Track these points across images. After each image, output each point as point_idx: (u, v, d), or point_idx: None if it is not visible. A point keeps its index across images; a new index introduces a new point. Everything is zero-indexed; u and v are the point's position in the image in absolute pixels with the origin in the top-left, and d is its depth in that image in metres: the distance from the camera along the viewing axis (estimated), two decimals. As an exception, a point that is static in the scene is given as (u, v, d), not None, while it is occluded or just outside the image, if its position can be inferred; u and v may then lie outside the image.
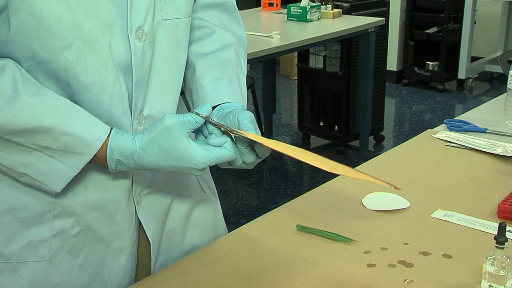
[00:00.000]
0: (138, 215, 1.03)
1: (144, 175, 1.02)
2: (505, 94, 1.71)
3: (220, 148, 0.91)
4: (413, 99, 5.17)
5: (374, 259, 1.04)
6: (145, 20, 0.94)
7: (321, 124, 4.10)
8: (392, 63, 5.48)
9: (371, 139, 4.10)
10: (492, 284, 0.90)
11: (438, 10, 5.12)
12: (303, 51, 4.04)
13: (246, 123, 0.94)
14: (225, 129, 0.92)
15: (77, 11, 0.87)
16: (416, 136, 1.63)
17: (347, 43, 3.79)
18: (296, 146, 0.95)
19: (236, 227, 1.17)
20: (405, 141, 1.61)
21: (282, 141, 0.96)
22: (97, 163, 0.93)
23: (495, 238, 0.89)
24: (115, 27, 0.91)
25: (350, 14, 3.79)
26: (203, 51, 1.09)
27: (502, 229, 0.88)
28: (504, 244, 0.89)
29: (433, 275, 0.99)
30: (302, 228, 1.13)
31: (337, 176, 1.30)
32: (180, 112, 1.09)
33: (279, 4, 3.94)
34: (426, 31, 5.21)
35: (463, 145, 1.52)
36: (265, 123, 4.20)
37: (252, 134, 0.91)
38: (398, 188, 0.92)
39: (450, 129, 1.63)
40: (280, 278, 0.99)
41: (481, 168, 1.39)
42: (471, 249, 1.06)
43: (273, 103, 4.21)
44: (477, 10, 5.22)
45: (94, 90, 0.92)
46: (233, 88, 1.06)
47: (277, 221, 1.17)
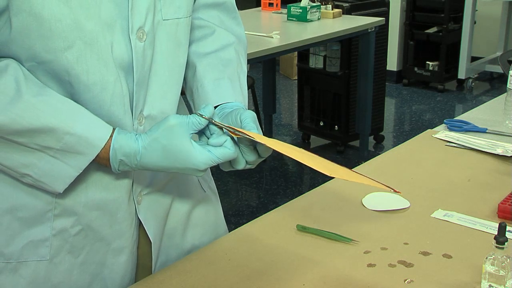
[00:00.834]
0: (138, 215, 1.03)
1: (145, 174, 1.02)
2: (505, 94, 1.71)
3: (220, 148, 0.91)
4: (413, 99, 5.17)
5: (374, 259, 1.04)
6: (145, 20, 0.94)
7: (321, 124, 4.10)
8: (392, 63, 5.48)
9: (371, 139, 4.10)
10: (492, 284, 0.90)
11: (438, 10, 5.12)
12: (303, 51, 4.04)
13: (248, 122, 0.94)
14: (228, 130, 0.92)
15: (78, 11, 0.88)
16: (416, 136, 1.63)
17: (347, 43, 3.79)
18: (296, 146, 0.95)
19: (236, 227, 1.17)
20: (405, 141, 1.61)
21: (282, 141, 0.96)
22: (100, 163, 0.93)
23: (495, 238, 0.89)
24: (116, 27, 0.92)
25: (350, 14, 3.79)
26: (203, 51, 1.09)
27: (502, 229, 0.88)
28: (504, 244, 0.89)
29: (433, 275, 0.99)
30: (302, 228, 1.13)
31: (337, 176, 1.30)
32: (181, 112, 1.09)
33: (279, 4, 3.94)
34: (426, 31, 5.21)
35: (463, 145, 1.52)
36: (265, 123, 4.20)
37: (255, 134, 0.91)
38: (397, 192, 0.92)
39: (450, 129, 1.63)
40: (280, 278, 0.99)
41: (481, 168, 1.39)
42: (471, 249, 1.06)
43: (273, 103, 4.21)
44: (477, 10, 5.22)
45: (95, 90, 0.92)
46: (234, 87, 1.07)
47: (277, 221, 1.17)
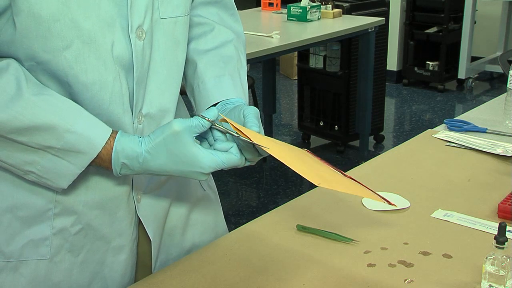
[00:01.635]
0: (138, 213, 1.03)
1: None
2: (505, 94, 1.71)
3: (226, 153, 0.90)
4: (413, 99, 5.17)
5: (374, 259, 1.04)
6: (144, 18, 0.95)
7: (321, 124, 4.10)
8: (392, 63, 5.48)
9: (371, 139, 4.10)
10: (492, 284, 0.90)
11: (438, 10, 5.12)
12: (303, 51, 4.04)
13: (251, 118, 0.94)
14: (229, 133, 0.91)
15: (76, 10, 0.88)
16: (416, 136, 1.63)
17: (347, 43, 3.79)
18: (296, 146, 0.95)
19: (236, 227, 1.17)
20: (405, 141, 1.61)
21: (282, 141, 0.96)
22: (101, 166, 0.93)
23: (495, 238, 0.89)
24: (116, 26, 0.92)
25: (350, 14, 3.79)
26: (203, 48, 1.10)
27: (502, 229, 0.88)
28: (504, 244, 0.89)
29: (433, 275, 0.99)
30: (302, 228, 1.13)
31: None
32: (180, 112, 1.09)
33: (279, 4, 3.94)
34: (426, 31, 5.21)
35: (463, 145, 1.52)
36: (265, 123, 4.20)
37: (255, 135, 0.91)
38: (392, 204, 0.93)
39: (450, 129, 1.63)
40: (280, 278, 0.99)
41: (481, 168, 1.39)
42: (471, 249, 1.06)
43: (273, 103, 4.21)
44: (477, 10, 5.22)
45: (94, 90, 0.92)
46: (235, 84, 1.07)
47: (277, 221, 1.17)
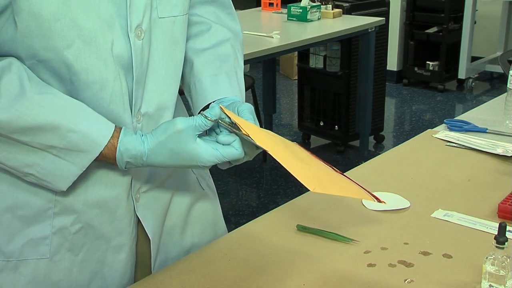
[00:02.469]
0: (136, 212, 1.03)
1: (143, 172, 1.03)
2: (505, 94, 1.71)
3: (228, 147, 0.92)
4: (413, 99, 5.17)
5: (374, 259, 1.04)
6: (143, 17, 0.95)
7: (321, 124, 4.10)
8: (392, 63, 5.47)
9: (371, 139, 4.10)
10: (492, 284, 0.90)
11: (438, 10, 5.12)
12: (303, 51, 4.03)
13: (246, 113, 0.96)
14: (232, 130, 0.92)
15: (76, 10, 0.88)
16: (416, 136, 1.63)
17: (347, 43, 3.79)
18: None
19: (236, 227, 1.17)
20: (405, 141, 1.60)
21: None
22: (105, 161, 0.94)
23: (495, 238, 0.89)
24: (115, 26, 0.92)
25: (350, 14, 3.79)
26: (200, 46, 1.10)
27: (502, 229, 0.88)
28: (504, 244, 0.89)
29: (433, 275, 0.99)
30: (302, 228, 1.13)
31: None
32: (179, 112, 1.10)
33: (279, 4, 3.94)
34: (426, 31, 5.21)
35: (463, 145, 1.51)
36: (265, 123, 4.20)
37: (253, 128, 0.92)
38: (382, 202, 0.94)
39: (450, 129, 1.63)
40: (280, 277, 0.99)
41: (481, 168, 1.39)
42: (471, 249, 1.06)
43: (273, 103, 4.21)
44: (477, 10, 5.22)
45: (94, 89, 0.93)
46: (231, 83, 1.08)
47: (277, 221, 1.17)
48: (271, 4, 3.97)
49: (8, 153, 0.90)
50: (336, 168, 0.98)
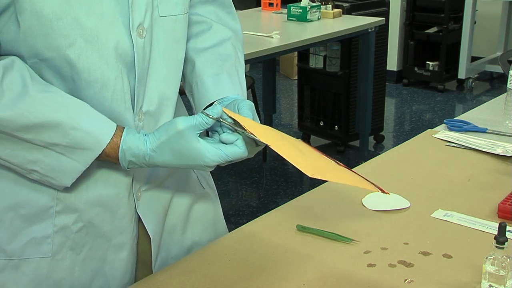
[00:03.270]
0: (137, 211, 1.03)
1: (144, 171, 1.03)
2: (505, 94, 1.71)
3: (231, 146, 0.92)
4: (413, 99, 5.17)
5: (374, 259, 1.04)
6: (145, 16, 0.95)
7: (321, 124, 4.10)
8: (392, 63, 5.48)
9: (371, 139, 4.10)
10: (492, 284, 0.90)
11: (438, 10, 5.12)
12: (303, 51, 4.03)
13: (245, 110, 0.96)
14: (234, 129, 0.92)
15: (78, 9, 0.88)
16: (416, 136, 1.63)
17: (347, 43, 3.79)
18: None
19: (236, 227, 1.17)
20: (405, 141, 1.61)
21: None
22: (109, 160, 0.94)
23: (495, 238, 0.89)
24: (117, 24, 0.92)
25: (350, 14, 3.79)
26: (201, 46, 1.10)
27: (502, 229, 0.88)
28: (504, 244, 0.89)
29: (433, 275, 0.99)
30: (302, 228, 1.13)
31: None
32: (179, 111, 1.10)
33: (279, 4, 3.94)
34: (426, 31, 5.21)
35: (463, 145, 1.52)
36: (265, 123, 4.20)
37: (252, 124, 0.92)
38: (386, 192, 0.93)
39: (450, 129, 1.63)
40: (280, 277, 0.99)
41: (481, 168, 1.39)
42: (471, 249, 1.06)
43: (273, 103, 4.21)
44: (477, 10, 5.22)
45: (96, 87, 0.93)
46: (233, 82, 1.08)
47: (277, 221, 1.17)
48: (271, 4, 3.97)
49: (11, 150, 0.91)
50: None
